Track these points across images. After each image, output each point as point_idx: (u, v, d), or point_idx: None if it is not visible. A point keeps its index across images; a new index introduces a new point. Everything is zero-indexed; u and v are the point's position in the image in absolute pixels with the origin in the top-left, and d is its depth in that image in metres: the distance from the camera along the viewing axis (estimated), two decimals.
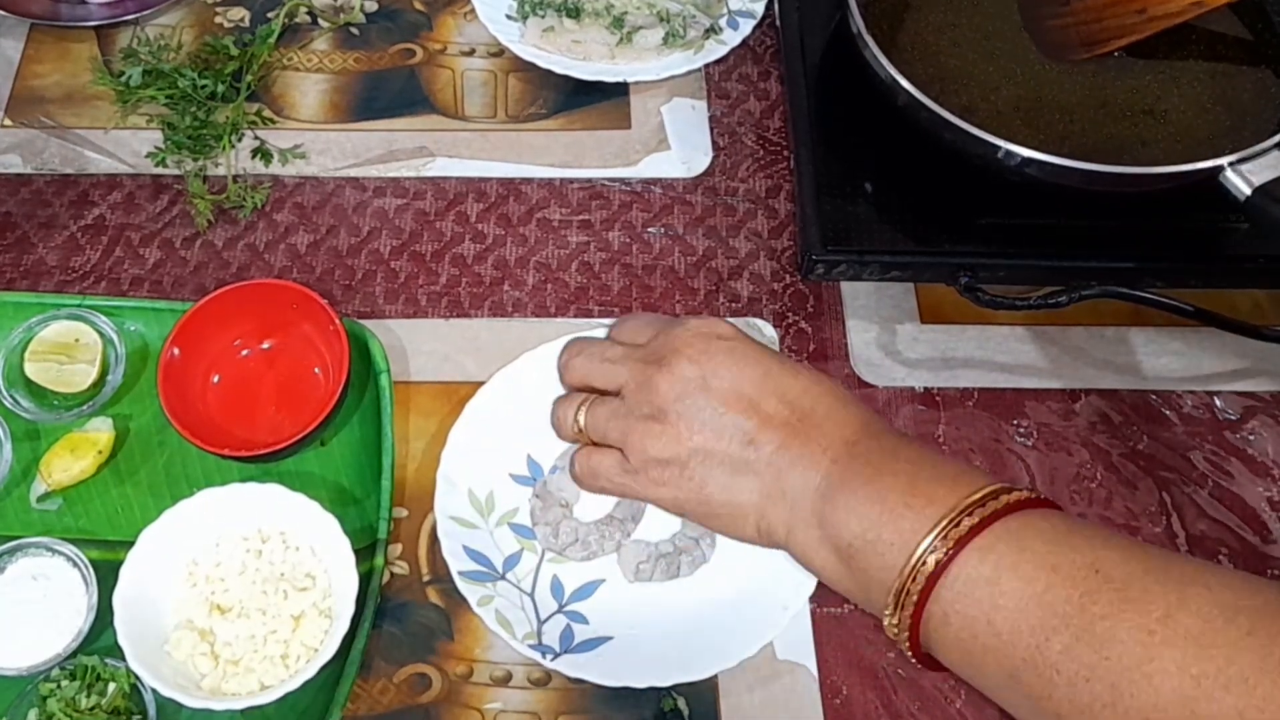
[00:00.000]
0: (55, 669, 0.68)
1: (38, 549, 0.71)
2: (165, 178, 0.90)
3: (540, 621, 0.70)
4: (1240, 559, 0.75)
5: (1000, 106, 0.77)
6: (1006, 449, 0.78)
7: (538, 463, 0.76)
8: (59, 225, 0.88)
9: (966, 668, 0.56)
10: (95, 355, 0.77)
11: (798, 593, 0.69)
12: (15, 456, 0.76)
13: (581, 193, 0.90)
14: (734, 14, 0.97)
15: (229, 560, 0.71)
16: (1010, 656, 0.53)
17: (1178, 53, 0.80)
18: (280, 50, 0.98)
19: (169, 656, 0.67)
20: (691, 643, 0.69)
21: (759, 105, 0.95)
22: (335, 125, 0.94)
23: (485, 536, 0.73)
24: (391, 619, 0.72)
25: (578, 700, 0.70)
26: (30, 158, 0.91)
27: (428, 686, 0.70)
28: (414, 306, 0.85)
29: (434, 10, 1.01)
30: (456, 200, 0.90)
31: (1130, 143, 0.76)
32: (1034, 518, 0.56)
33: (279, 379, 0.79)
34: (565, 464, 0.76)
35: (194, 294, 0.83)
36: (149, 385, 0.76)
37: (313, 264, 0.87)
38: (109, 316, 0.79)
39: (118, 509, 0.75)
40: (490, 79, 0.96)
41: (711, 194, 0.90)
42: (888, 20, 0.81)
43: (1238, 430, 0.79)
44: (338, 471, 0.77)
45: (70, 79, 0.96)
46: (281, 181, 0.91)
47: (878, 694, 0.70)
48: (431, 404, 0.79)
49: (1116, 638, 0.49)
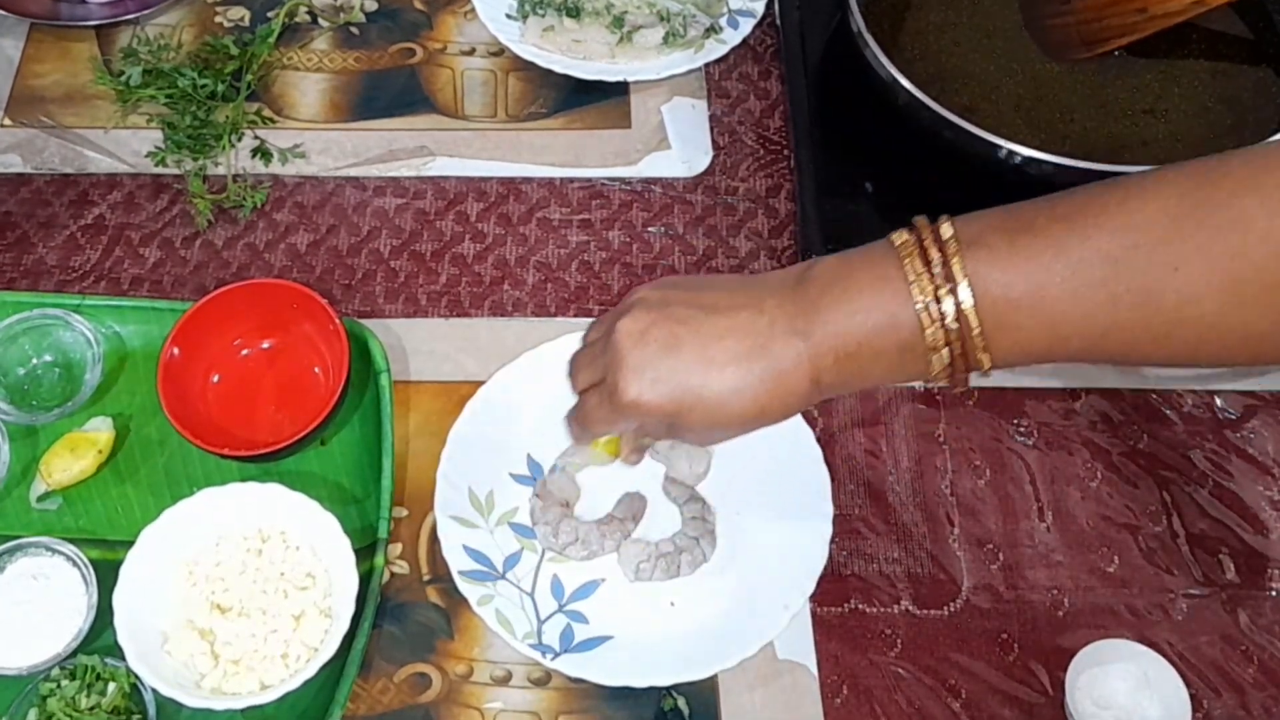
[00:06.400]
0: (55, 668, 0.68)
1: (38, 549, 0.71)
2: (165, 177, 0.90)
3: (540, 621, 0.70)
4: (1240, 558, 0.75)
5: (1001, 106, 0.77)
6: (1007, 448, 0.78)
7: (538, 462, 0.76)
8: (59, 225, 0.88)
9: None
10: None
11: (798, 592, 0.69)
12: (14, 456, 0.76)
13: (581, 192, 0.90)
14: (734, 13, 0.97)
15: (229, 560, 0.71)
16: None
17: (1178, 52, 0.80)
18: (280, 50, 0.98)
19: (169, 656, 0.67)
20: (692, 642, 0.69)
21: (759, 104, 0.95)
22: (335, 125, 0.94)
23: (485, 536, 0.73)
24: (392, 618, 0.72)
25: (578, 699, 0.70)
26: (30, 157, 0.91)
27: (428, 686, 0.70)
28: (414, 306, 0.85)
29: (434, 9, 1.01)
30: (456, 200, 0.90)
31: (1131, 142, 0.76)
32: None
33: (279, 378, 0.79)
34: (565, 463, 0.76)
35: (194, 293, 0.83)
36: (149, 385, 0.76)
37: (313, 263, 0.87)
38: (109, 316, 0.80)
39: (118, 509, 0.75)
40: (490, 78, 0.96)
41: (712, 193, 0.90)
42: (888, 19, 0.81)
43: (1238, 429, 0.79)
44: (338, 471, 0.77)
45: (70, 79, 0.96)
46: (281, 181, 0.90)
47: (878, 694, 0.70)
48: (431, 403, 0.79)
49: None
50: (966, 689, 0.70)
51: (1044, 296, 0.52)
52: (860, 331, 0.55)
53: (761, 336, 0.57)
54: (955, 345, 0.54)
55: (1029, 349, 0.54)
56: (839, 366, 0.56)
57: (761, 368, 0.56)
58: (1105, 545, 0.75)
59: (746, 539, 0.73)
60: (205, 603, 0.69)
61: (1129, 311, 0.52)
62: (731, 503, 0.75)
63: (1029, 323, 0.53)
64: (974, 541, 0.75)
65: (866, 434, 0.79)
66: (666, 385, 0.57)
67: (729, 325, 0.57)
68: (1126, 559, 0.75)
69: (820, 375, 0.56)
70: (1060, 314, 0.52)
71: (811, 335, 0.56)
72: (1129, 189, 0.53)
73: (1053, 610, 0.73)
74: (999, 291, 0.53)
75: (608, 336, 0.60)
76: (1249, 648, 0.72)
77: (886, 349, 0.55)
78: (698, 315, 0.58)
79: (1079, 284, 0.52)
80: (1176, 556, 0.75)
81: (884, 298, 0.54)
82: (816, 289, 0.56)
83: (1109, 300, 0.51)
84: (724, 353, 0.57)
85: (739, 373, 0.57)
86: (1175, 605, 0.73)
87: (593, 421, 0.63)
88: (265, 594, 0.69)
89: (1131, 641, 0.69)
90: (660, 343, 0.58)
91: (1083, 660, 0.69)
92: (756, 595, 0.70)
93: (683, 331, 0.58)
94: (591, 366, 0.62)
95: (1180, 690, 0.67)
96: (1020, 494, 0.77)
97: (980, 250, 0.53)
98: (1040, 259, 0.52)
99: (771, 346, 0.56)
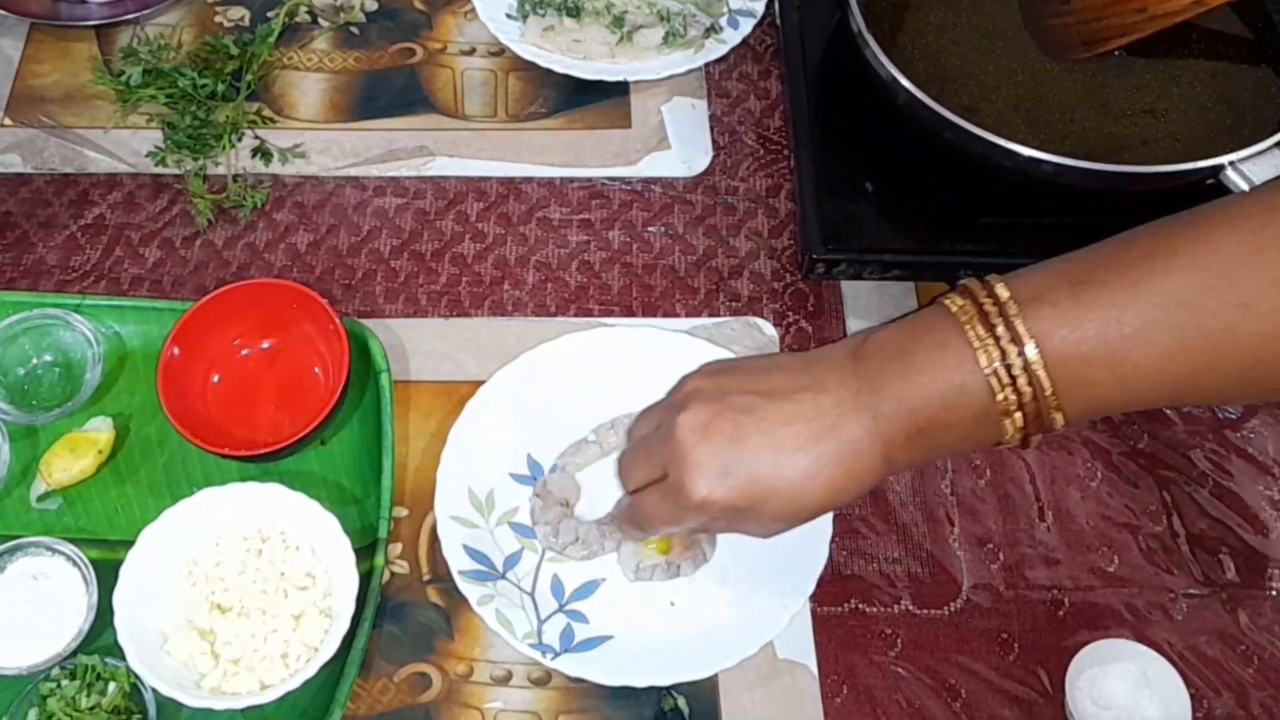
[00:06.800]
0: (55, 668, 0.68)
1: (38, 548, 0.71)
2: (165, 177, 0.90)
3: (540, 620, 0.70)
4: (1241, 557, 0.75)
5: (1000, 105, 0.77)
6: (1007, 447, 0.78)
7: (538, 462, 0.76)
8: (59, 225, 0.88)
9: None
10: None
11: (798, 592, 0.69)
12: (14, 456, 0.76)
13: (581, 192, 0.90)
14: (734, 13, 0.97)
15: (229, 560, 0.71)
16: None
17: (1178, 51, 0.80)
18: (280, 49, 0.98)
19: (169, 656, 0.67)
20: (692, 642, 0.69)
21: (759, 104, 0.95)
22: (335, 124, 0.94)
23: (485, 536, 0.73)
24: (392, 618, 0.72)
25: (578, 699, 0.70)
26: (30, 157, 0.91)
27: (428, 686, 0.70)
28: (414, 306, 0.85)
29: (434, 9, 1.01)
30: (457, 200, 0.90)
31: (1130, 142, 0.76)
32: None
33: (279, 378, 0.79)
34: (565, 463, 0.76)
35: (194, 293, 0.83)
36: (149, 385, 0.76)
37: (313, 263, 0.87)
38: (109, 316, 0.80)
39: (117, 508, 0.75)
40: (490, 78, 0.96)
41: (712, 193, 0.90)
42: (888, 19, 0.81)
43: (1238, 429, 0.79)
44: (338, 471, 0.77)
45: (70, 78, 0.96)
46: (281, 181, 0.90)
47: (878, 693, 0.70)
48: (431, 403, 0.79)
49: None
50: (966, 689, 0.70)
51: (1115, 348, 0.51)
52: (930, 405, 0.54)
53: (829, 418, 0.55)
54: (1029, 408, 0.52)
55: (1103, 403, 0.53)
56: (910, 442, 0.55)
57: (833, 449, 0.55)
58: (1105, 545, 0.75)
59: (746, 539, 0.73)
60: (205, 602, 0.69)
61: (1205, 356, 0.50)
62: None
63: (1102, 377, 0.51)
64: (974, 541, 0.75)
65: None
66: (737, 479, 0.56)
67: (794, 410, 0.56)
68: (1127, 559, 0.75)
69: (892, 452, 0.55)
70: (1133, 366, 0.51)
71: (880, 412, 0.54)
72: (1194, 228, 0.51)
73: (1053, 610, 0.73)
74: (1069, 349, 0.51)
75: (667, 433, 0.58)
76: (1249, 647, 0.72)
77: (958, 419, 0.54)
78: (759, 403, 0.56)
79: (1151, 333, 0.50)
80: (1177, 556, 0.75)
81: (949, 367, 0.53)
82: (876, 363, 0.55)
83: (1182, 347, 0.50)
84: (794, 438, 0.55)
85: (810, 457, 0.55)
86: (1175, 605, 0.73)
87: (654, 522, 0.61)
88: (265, 594, 0.69)
89: (1131, 641, 0.69)
90: (726, 435, 0.56)
91: (1083, 660, 0.69)
92: (756, 595, 0.70)
93: (747, 421, 0.56)
94: (648, 464, 0.60)
95: (1180, 690, 0.67)
96: (1020, 494, 0.77)
97: (1043, 307, 0.52)
98: (1108, 311, 0.51)
99: (840, 427, 0.55)
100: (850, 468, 0.55)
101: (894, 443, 0.55)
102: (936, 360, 0.54)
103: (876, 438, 0.55)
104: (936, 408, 0.54)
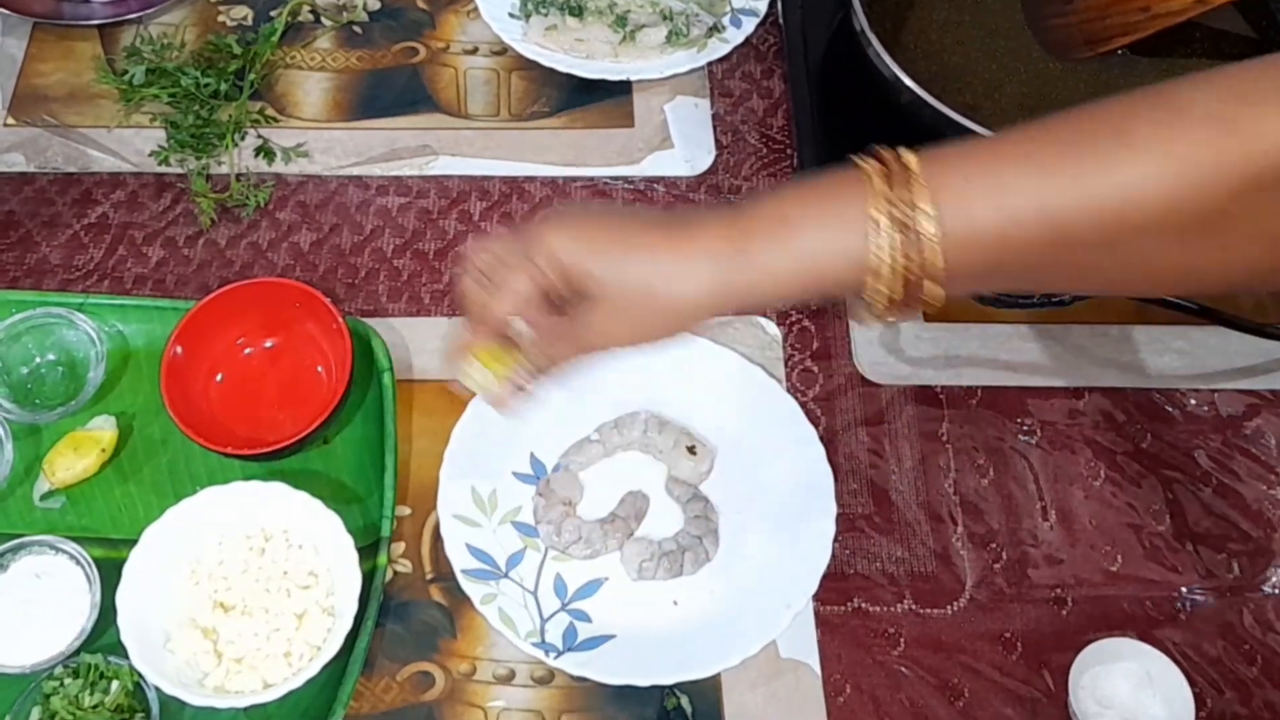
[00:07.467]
0: (58, 667, 0.68)
1: (41, 547, 0.71)
2: (168, 176, 0.90)
3: (543, 620, 0.70)
4: (1244, 556, 0.75)
5: (1003, 105, 0.77)
6: (1010, 447, 0.78)
7: (541, 461, 0.76)
8: (62, 224, 0.88)
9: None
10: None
11: (801, 591, 0.69)
12: (18, 455, 0.76)
13: (585, 191, 0.90)
14: (737, 12, 0.97)
15: (232, 558, 0.71)
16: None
17: (1181, 51, 0.80)
18: (283, 49, 0.98)
19: (172, 654, 0.68)
20: (695, 641, 0.69)
21: (762, 103, 0.95)
22: (338, 124, 0.94)
23: (488, 535, 0.73)
24: (394, 617, 0.72)
25: (581, 698, 0.70)
26: (33, 156, 0.91)
27: (431, 684, 0.70)
28: (417, 305, 0.85)
29: (437, 8, 1.01)
30: (459, 199, 0.90)
31: None
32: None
33: (282, 377, 0.79)
34: (568, 462, 0.76)
35: (197, 292, 0.83)
36: (152, 384, 0.76)
37: (316, 262, 0.87)
38: (112, 315, 0.80)
39: (121, 507, 0.75)
40: (493, 77, 0.96)
41: (715, 192, 0.90)
42: (890, 18, 0.81)
43: (1241, 428, 0.79)
44: (340, 470, 0.77)
45: (73, 78, 0.96)
46: (284, 180, 0.91)
47: (880, 692, 0.70)
48: (434, 402, 0.79)
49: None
50: (969, 688, 0.70)
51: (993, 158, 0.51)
52: (796, 208, 0.53)
53: (691, 227, 0.54)
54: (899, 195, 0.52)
55: (978, 220, 0.50)
56: (769, 230, 0.53)
57: (683, 234, 0.54)
58: (1109, 544, 0.75)
59: (749, 538, 0.73)
60: (208, 601, 0.69)
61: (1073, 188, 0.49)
62: (734, 502, 0.75)
63: (976, 182, 0.50)
64: (977, 540, 0.75)
65: (869, 433, 0.79)
66: (591, 243, 0.54)
67: (654, 222, 0.55)
68: (1130, 558, 0.74)
69: (748, 243, 0.53)
70: (1010, 181, 0.50)
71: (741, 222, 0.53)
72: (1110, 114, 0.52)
73: (1056, 609, 0.73)
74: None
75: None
76: (1252, 646, 0.72)
77: (824, 209, 0.54)
78: (621, 219, 0.56)
79: (1027, 150, 0.50)
80: (1180, 555, 0.75)
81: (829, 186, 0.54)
82: (751, 218, 0.54)
83: (1057, 172, 0.49)
84: (649, 233, 0.54)
85: (662, 239, 0.54)
86: (1179, 604, 0.73)
87: (497, 277, 0.58)
88: (268, 592, 0.69)
89: (1135, 640, 0.69)
90: (586, 221, 0.55)
91: (1086, 659, 0.68)
92: (759, 594, 0.70)
93: (610, 220, 0.56)
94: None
95: (1184, 689, 0.67)
96: (1024, 493, 0.77)
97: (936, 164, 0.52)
98: (992, 143, 0.51)
99: (700, 228, 0.54)
100: (694, 245, 0.53)
101: (751, 232, 0.53)
102: (814, 197, 0.54)
103: (733, 229, 0.53)
104: (803, 202, 0.54)
